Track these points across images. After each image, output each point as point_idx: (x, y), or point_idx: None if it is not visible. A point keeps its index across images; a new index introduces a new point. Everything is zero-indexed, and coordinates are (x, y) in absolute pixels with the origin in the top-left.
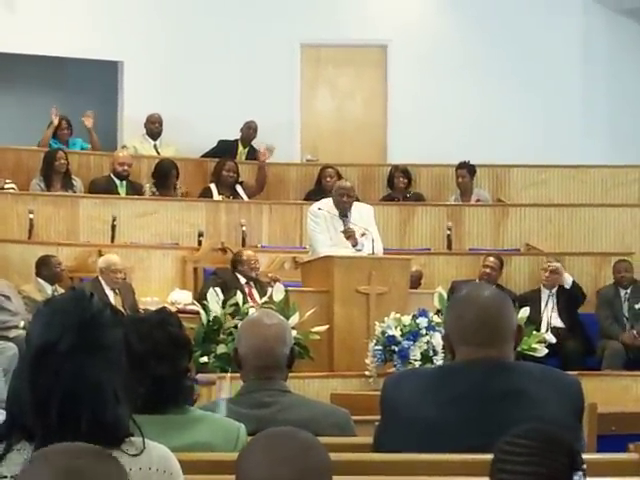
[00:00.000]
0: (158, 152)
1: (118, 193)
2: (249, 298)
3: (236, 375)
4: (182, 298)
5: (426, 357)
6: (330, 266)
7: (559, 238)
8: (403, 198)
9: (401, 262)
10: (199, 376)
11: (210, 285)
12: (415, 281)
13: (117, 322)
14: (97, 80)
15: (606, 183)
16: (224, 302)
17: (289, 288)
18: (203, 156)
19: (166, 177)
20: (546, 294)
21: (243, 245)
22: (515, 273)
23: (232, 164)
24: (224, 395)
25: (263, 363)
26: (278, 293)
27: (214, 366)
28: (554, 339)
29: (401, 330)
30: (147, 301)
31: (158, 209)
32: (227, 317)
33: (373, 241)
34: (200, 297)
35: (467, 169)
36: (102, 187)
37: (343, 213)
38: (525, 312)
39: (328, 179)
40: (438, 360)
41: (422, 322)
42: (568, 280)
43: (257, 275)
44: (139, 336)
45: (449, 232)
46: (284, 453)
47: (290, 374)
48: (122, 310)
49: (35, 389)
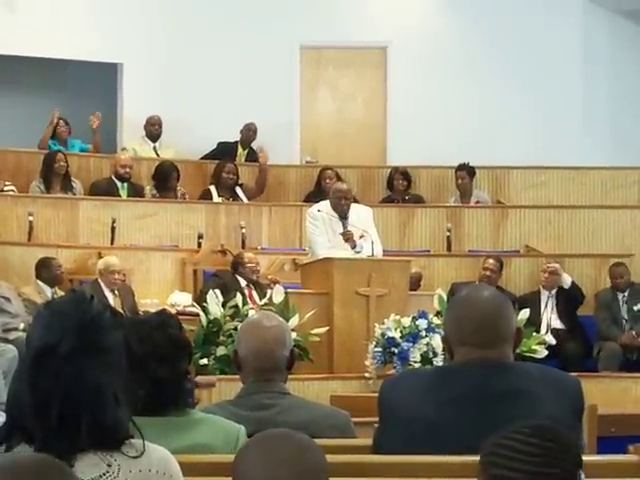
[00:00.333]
0: (158, 154)
1: (119, 195)
2: (249, 300)
3: (236, 377)
4: (182, 300)
5: (426, 359)
6: (330, 268)
7: (559, 240)
8: (403, 200)
9: (401, 264)
10: (199, 378)
11: (210, 287)
12: (415, 283)
13: (117, 324)
14: (97, 82)
15: (606, 185)
16: (224, 304)
17: (289, 290)
18: (203, 158)
19: (166, 179)
20: (546, 295)
21: (243, 247)
22: (515, 275)
23: (232, 166)
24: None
25: (263, 365)
26: (278, 295)
27: (214, 368)
28: (554, 341)
29: (401, 332)
30: (147, 303)
31: (158, 211)
32: (227, 319)
33: (372, 243)
34: (200, 298)
35: (467, 171)
36: (103, 189)
37: (342, 215)
38: (525, 314)
39: (328, 181)
40: (438, 362)
41: (422, 324)
42: (567, 281)
43: (258, 277)
44: (139, 338)
45: (449, 234)
46: (280, 455)
47: (290, 376)
48: (122, 312)
49: (35, 392)
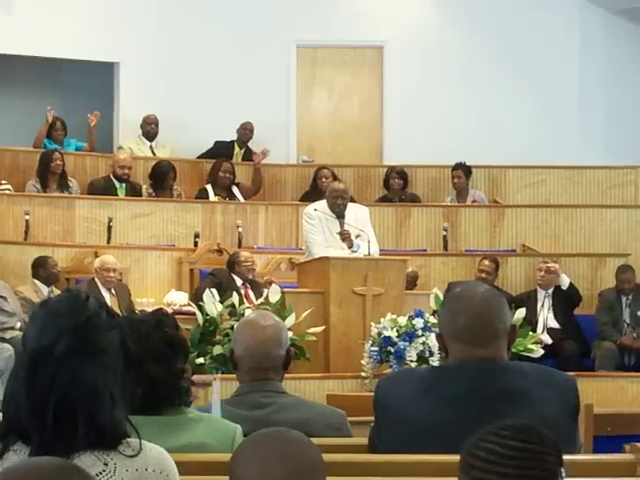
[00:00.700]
0: (154, 153)
1: (117, 195)
2: (245, 299)
3: (232, 376)
4: (178, 299)
5: (422, 358)
6: (326, 267)
7: (555, 239)
8: (399, 199)
9: (397, 263)
10: (195, 377)
11: (206, 285)
12: (411, 282)
13: (113, 324)
14: (93, 81)
15: (602, 184)
16: (220, 303)
17: (285, 289)
18: (199, 157)
19: (163, 179)
20: (542, 295)
21: (239, 246)
22: (511, 274)
23: (228, 165)
24: (216, 397)
25: (259, 364)
26: (274, 294)
27: (210, 367)
28: (550, 340)
29: (397, 331)
30: (143, 302)
31: (154, 210)
32: (223, 318)
33: (369, 242)
34: (196, 297)
35: (463, 170)
36: (101, 188)
37: (339, 215)
38: (521, 313)
39: (323, 180)
40: (434, 361)
41: (418, 323)
42: (565, 281)
43: (253, 276)
44: (136, 337)
45: (445, 233)
46: (276, 453)
47: (286, 375)
48: (118, 311)
49: (31, 392)
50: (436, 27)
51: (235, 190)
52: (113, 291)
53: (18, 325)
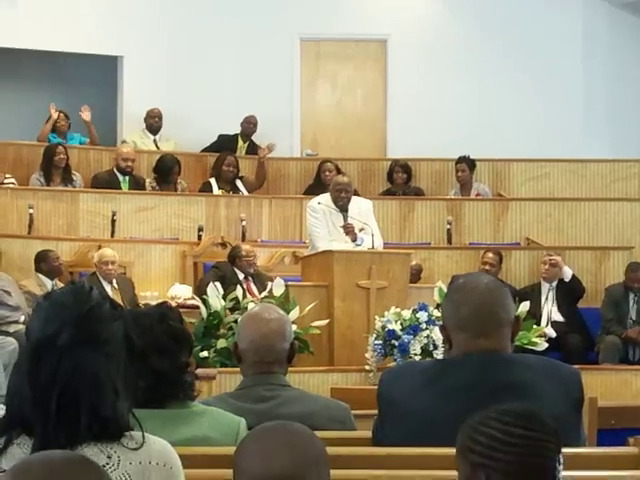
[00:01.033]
0: (158, 147)
1: (121, 188)
2: (248, 292)
3: (236, 369)
4: (182, 292)
5: (426, 351)
6: (330, 261)
7: (559, 232)
8: (403, 193)
9: (401, 256)
10: (199, 371)
11: (210, 278)
12: (415, 274)
13: (116, 316)
14: (97, 75)
15: (606, 177)
16: (224, 297)
17: (289, 283)
18: (203, 151)
19: (167, 173)
20: (546, 288)
21: (243, 240)
22: (515, 267)
23: (232, 159)
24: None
25: (263, 358)
26: (278, 288)
27: (214, 361)
28: (554, 333)
29: (401, 324)
30: (147, 296)
31: (158, 204)
32: (226, 312)
33: (373, 235)
34: (200, 289)
35: (467, 163)
36: (105, 182)
37: (342, 208)
38: (525, 306)
39: (327, 173)
40: (438, 354)
41: (422, 316)
42: (568, 273)
43: (255, 270)
44: (140, 330)
45: (449, 226)
46: (280, 446)
47: (290, 368)
48: (121, 304)
49: (34, 383)
50: (440, 20)
51: (239, 184)
52: (115, 285)
53: (22, 319)
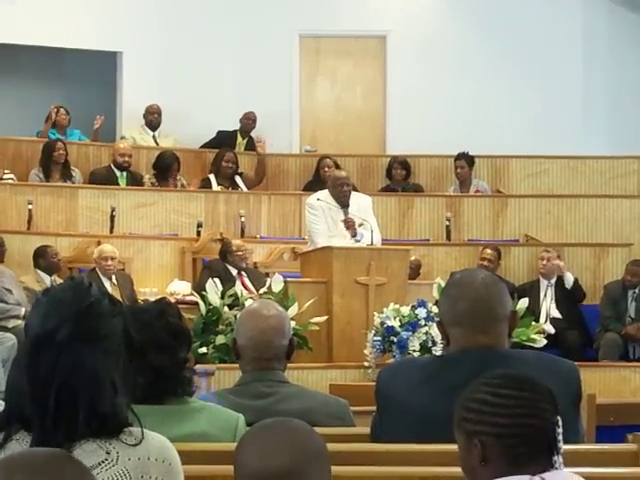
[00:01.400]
0: (157, 143)
1: (118, 184)
2: (243, 287)
3: (234, 366)
4: (181, 289)
5: (425, 348)
6: (329, 257)
7: (558, 229)
8: (402, 189)
9: (400, 253)
10: (198, 367)
11: (205, 279)
12: (414, 270)
13: (115, 311)
14: (96, 71)
15: (605, 174)
16: (221, 294)
17: (288, 279)
18: (202, 147)
19: (167, 170)
20: (545, 285)
21: (242, 236)
22: (514, 264)
23: (231, 155)
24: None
25: (262, 354)
26: (277, 284)
27: (213, 357)
28: (553, 330)
29: (400, 321)
30: (146, 292)
31: (157, 200)
32: (224, 308)
33: (372, 231)
34: (197, 290)
35: (466, 160)
36: (102, 178)
37: (343, 204)
38: (524, 303)
39: (326, 169)
40: (437, 351)
41: (421, 313)
42: (569, 279)
43: (247, 265)
44: (139, 326)
45: (448, 223)
46: (278, 442)
47: (289, 365)
48: (120, 300)
49: (33, 379)
50: (439, 17)
51: (238, 180)
52: (115, 280)
53: (22, 311)
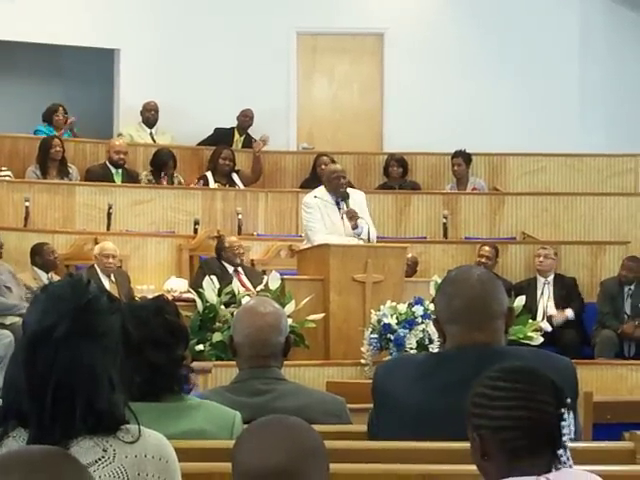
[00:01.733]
0: (154, 140)
1: (114, 181)
2: (240, 284)
3: (231, 363)
4: (178, 286)
5: (422, 345)
6: (326, 254)
7: (555, 227)
8: (399, 186)
9: (397, 250)
10: (194, 364)
11: (200, 279)
12: (411, 267)
13: (113, 309)
14: (93, 68)
15: (602, 172)
16: (219, 291)
17: (285, 276)
18: (199, 144)
19: (163, 167)
20: (542, 282)
21: (239, 233)
22: (511, 262)
23: (228, 152)
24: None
25: (258, 351)
26: (274, 281)
27: (210, 354)
28: (550, 327)
29: (397, 318)
30: (143, 289)
31: (154, 197)
32: (221, 306)
33: (368, 227)
34: (194, 288)
35: (463, 157)
36: (98, 175)
37: (341, 197)
38: (521, 300)
39: (323, 167)
40: (434, 348)
41: (418, 310)
42: (570, 315)
43: (242, 261)
44: (136, 323)
45: (445, 220)
46: (274, 440)
47: (286, 362)
48: (118, 297)
49: (30, 376)
50: (436, 14)
51: (235, 177)
52: (112, 278)
53: (24, 305)
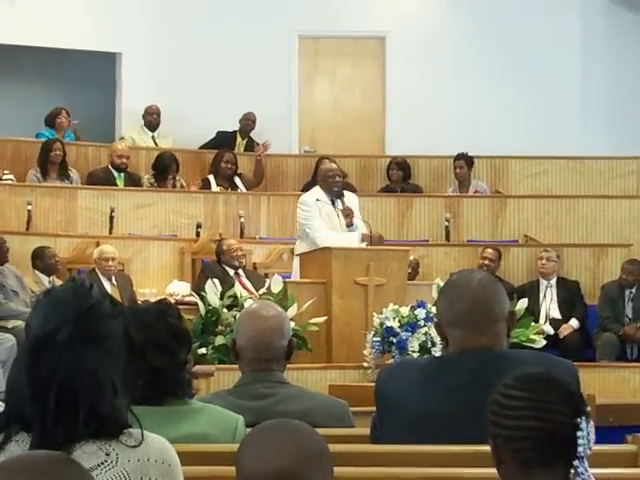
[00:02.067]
0: (156, 143)
1: (116, 185)
2: (241, 287)
3: (234, 366)
4: (180, 289)
5: (424, 348)
6: (328, 257)
7: (557, 229)
8: (401, 189)
9: (399, 253)
10: (197, 367)
11: (201, 283)
12: (414, 270)
13: (116, 313)
14: (96, 72)
15: (604, 174)
16: (221, 294)
17: (287, 279)
18: (201, 148)
19: (166, 171)
20: (544, 285)
21: (241, 237)
22: (513, 264)
23: (231, 156)
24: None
25: (261, 355)
26: (276, 284)
27: (212, 357)
28: (552, 330)
29: (399, 321)
30: (145, 292)
31: (156, 200)
32: (223, 309)
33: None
34: (196, 292)
35: (465, 160)
36: (100, 179)
37: (338, 194)
38: (523, 303)
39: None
40: (436, 351)
41: (420, 313)
42: (574, 325)
43: (241, 264)
44: (139, 327)
45: (447, 223)
46: (278, 444)
47: (288, 365)
48: (120, 301)
49: (33, 380)
50: (438, 17)
51: (237, 181)
52: (114, 281)
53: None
